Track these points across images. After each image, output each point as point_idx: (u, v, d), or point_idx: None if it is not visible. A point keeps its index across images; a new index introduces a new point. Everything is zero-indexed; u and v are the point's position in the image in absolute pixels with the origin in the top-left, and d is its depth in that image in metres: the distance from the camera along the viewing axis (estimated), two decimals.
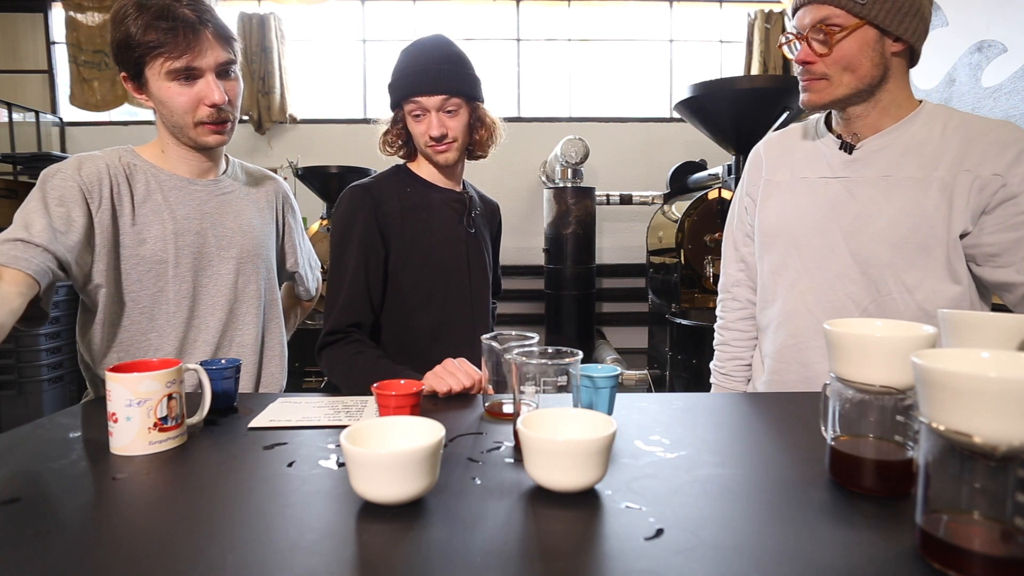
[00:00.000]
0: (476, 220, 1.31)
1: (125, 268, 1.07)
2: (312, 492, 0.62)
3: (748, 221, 1.20)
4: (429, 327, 1.21)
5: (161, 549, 0.50)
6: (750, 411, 0.90)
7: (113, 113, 4.93)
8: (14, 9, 4.89)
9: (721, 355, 1.28)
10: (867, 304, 1.02)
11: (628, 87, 5.19)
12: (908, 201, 0.98)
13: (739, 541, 0.51)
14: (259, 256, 1.20)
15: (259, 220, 1.22)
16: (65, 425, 0.86)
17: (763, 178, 1.16)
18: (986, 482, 0.44)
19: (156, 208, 1.10)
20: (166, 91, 1.03)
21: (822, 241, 1.04)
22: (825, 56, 0.96)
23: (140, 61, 1.02)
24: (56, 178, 1.02)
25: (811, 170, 1.08)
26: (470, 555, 0.49)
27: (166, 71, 1.01)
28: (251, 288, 1.19)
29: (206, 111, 1.05)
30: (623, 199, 4.50)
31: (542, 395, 0.73)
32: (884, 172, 1.00)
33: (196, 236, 1.12)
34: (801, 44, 0.98)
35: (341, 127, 4.96)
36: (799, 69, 1.00)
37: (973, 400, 0.41)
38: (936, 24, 3.85)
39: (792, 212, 1.08)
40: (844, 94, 0.98)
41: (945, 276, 0.98)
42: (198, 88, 1.04)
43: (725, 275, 1.27)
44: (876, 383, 0.57)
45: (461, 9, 5.07)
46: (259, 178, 1.29)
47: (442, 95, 1.15)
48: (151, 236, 1.08)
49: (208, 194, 1.16)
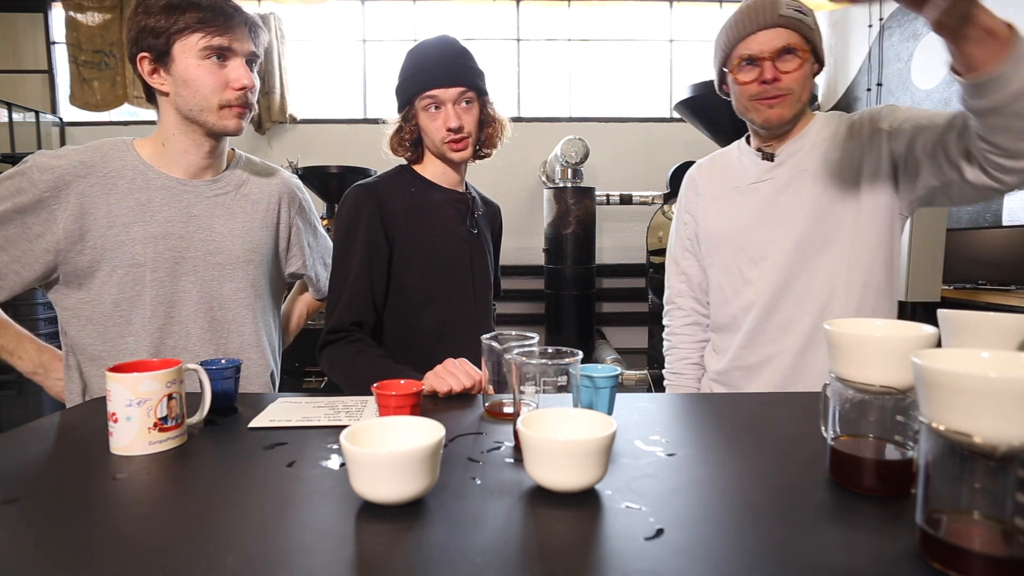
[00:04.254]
0: (479, 221, 1.31)
1: (101, 272, 1.05)
2: (312, 492, 0.62)
3: (687, 236, 1.35)
4: (432, 327, 1.21)
5: (161, 549, 0.50)
6: (750, 411, 0.90)
7: (113, 113, 4.93)
8: (14, 9, 4.89)
9: (671, 358, 1.40)
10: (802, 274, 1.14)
11: (628, 87, 5.19)
12: (825, 185, 1.13)
13: (739, 541, 0.51)
14: (250, 262, 1.16)
15: (254, 224, 1.18)
16: (65, 425, 0.86)
17: (699, 195, 1.31)
18: (986, 482, 0.44)
19: (136, 209, 1.06)
20: (195, 69, 1.02)
21: (760, 235, 1.18)
22: (790, 74, 1.09)
23: (172, 37, 1.01)
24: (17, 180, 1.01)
25: (741, 180, 1.24)
26: (470, 555, 0.49)
27: (202, 47, 1.01)
28: (239, 295, 1.15)
29: (234, 93, 1.05)
30: (623, 199, 4.50)
31: (542, 395, 0.73)
32: (801, 168, 1.16)
33: (179, 240, 1.08)
34: (765, 65, 1.09)
35: (341, 127, 4.96)
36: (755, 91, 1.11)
37: (973, 400, 0.41)
38: None
39: (731, 217, 1.23)
40: (800, 110, 1.13)
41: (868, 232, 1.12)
42: (229, 69, 1.04)
43: (669, 288, 1.41)
44: (876, 383, 0.57)
45: (461, 9, 5.07)
46: (265, 176, 1.24)
47: (459, 88, 1.15)
48: (128, 239, 1.05)
49: (199, 196, 1.12)
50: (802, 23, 1.09)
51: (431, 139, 1.20)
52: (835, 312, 1.13)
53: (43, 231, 1.02)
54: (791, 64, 1.08)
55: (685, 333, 1.37)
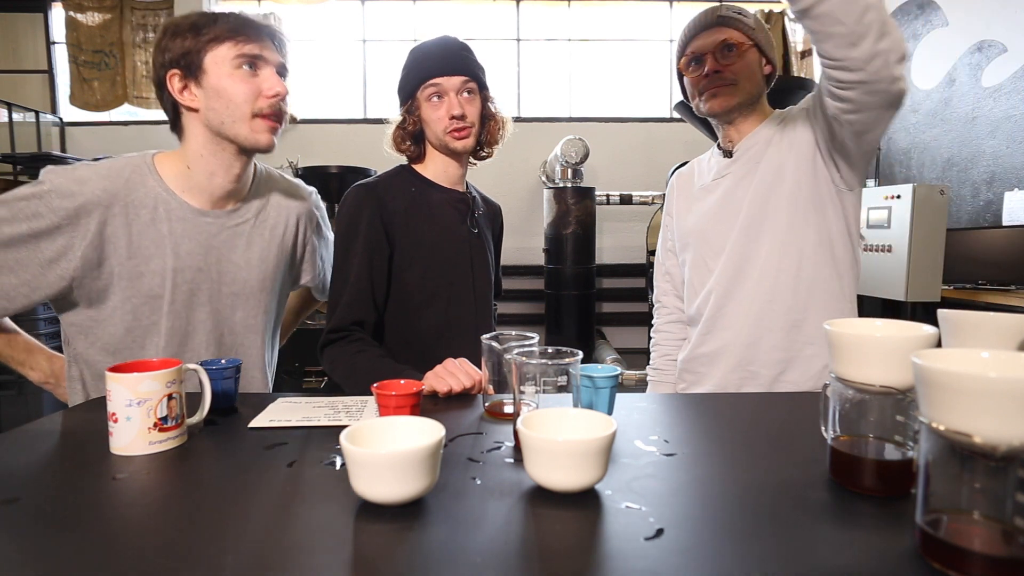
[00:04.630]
0: (479, 220, 1.31)
1: (115, 296, 1.03)
2: (312, 492, 0.62)
3: (669, 237, 1.42)
4: (433, 326, 1.22)
5: (161, 549, 0.50)
6: (750, 411, 0.90)
7: (113, 113, 4.93)
8: (14, 9, 4.89)
9: (654, 355, 1.46)
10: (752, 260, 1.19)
11: (628, 87, 5.19)
12: (766, 173, 1.19)
13: (739, 541, 0.51)
14: (264, 289, 1.16)
15: (271, 252, 1.17)
16: (65, 425, 0.86)
17: (676, 197, 1.40)
18: (986, 482, 0.44)
19: (157, 241, 1.04)
20: (228, 78, 1.01)
21: (719, 227, 1.24)
22: (730, 66, 1.17)
23: (203, 49, 1.00)
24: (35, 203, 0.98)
25: (707, 178, 1.32)
26: (470, 555, 0.49)
27: (234, 55, 1.01)
28: (249, 322, 1.15)
29: (267, 101, 1.03)
30: (623, 199, 4.50)
31: (542, 395, 0.73)
32: (755, 161, 1.21)
33: (197, 272, 1.08)
34: (708, 59, 1.18)
35: (341, 127, 4.96)
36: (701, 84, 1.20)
37: (973, 400, 0.41)
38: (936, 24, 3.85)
39: (697, 214, 1.31)
40: (743, 99, 1.19)
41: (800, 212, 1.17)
42: (261, 78, 1.04)
43: (656, 288, 1.47)
44: (876, 383, 0.57)
45: (461, 9, 5.07)
46: (285, 196, 1.21)
47: (462, 76, 1.17)
48: (148, 271, 1.04)
49: (219, 227, 1.10)
50: (741, 22, 1.18)
51: (433, 131, 1.21)
52: (779, 298, 1.16)
53: (57, 257, 0.99)
54: (731, 58, 1.17)
55: (668, 331, 1.43)
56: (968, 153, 3.56)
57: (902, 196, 2.92)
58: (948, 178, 3.69)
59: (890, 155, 4.23)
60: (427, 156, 1.27)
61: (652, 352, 1.47)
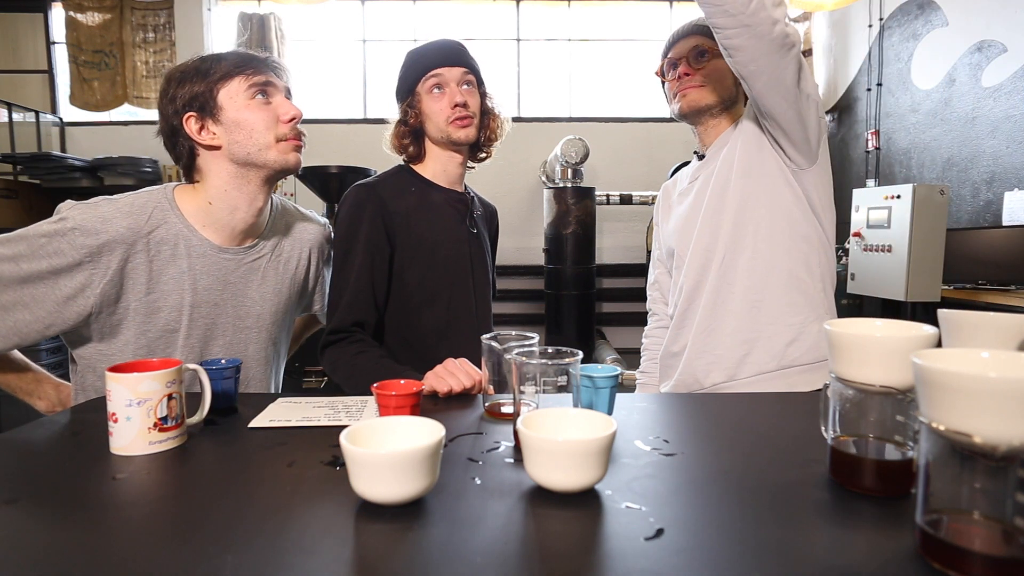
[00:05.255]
0: (477, 220, 1.31)
1: (128, 330, 1.03)
2: (312, 492, 0.62)
3: (658, 247, 1.46)
4: (434, 326, 1.22)
5: (161, 549, 0.50)
6: (750, 411, 0.90)
7: (113, 113, 4.93)
8: (14, 9, 4.89)
9: (643, 359, 1.49)
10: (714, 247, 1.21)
11: (628, 87, 5.19)
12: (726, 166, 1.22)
13: (739, 541, 0.51)
14: (275, 323, 1.18)
15: (284, 286, 1.18)
16: (65, 425, 0.86)
17: (662, 206, 1.44)
18: (986, 482, 0.44)
19: (177, 277, 1.05)
20: (245, 109, 1.03)
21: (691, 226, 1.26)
22: (702, 69, 1.23)
23: (215, 87, 1.03)
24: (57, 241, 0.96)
25: (685, 183, 1.36)
26: (470, 555, 0.49)
27: (246, 87, 1.03)
28: (259, 355, 1.16)
29: (286, 126, 1.06)
30: (623, 199, 4.50)
31: (542, 395, 0.73)
32: (725, 162, 1.23)
33: (213, 308, 1.08)
34: (681, 63, 1.24)
35: (341, 127, 4.96)
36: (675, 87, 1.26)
37: (973, 400, 0.41)
38: (936, 24, 3.84)
39: (675, 219, 1.35)
40: (713, 101, 1.23)
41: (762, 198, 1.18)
42: (275, 104, 1.06)
43: (648, 296, 1.52)
44: (876, 383, 0.57)
45: (461, 9, 5.07)
46: (298, 228, 1.22)
47: (462, 67, 1.20)
48: (166, 306, 1.04)
49: (237, 263, 1.11)
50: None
51: (435, 123, 1.21)
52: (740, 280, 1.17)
53: (75, 294, 0.98)
54: (701, 62, 1.23)
55: (656, 336, 1.46)
56: (968, 153, 3.56)
57: (902, 196, 2.92)
58: (948, 178, 3.69)
59: (890, 155, 4.23)
60: (427, 156, 1.27)
61: (642, 356, 1.50)
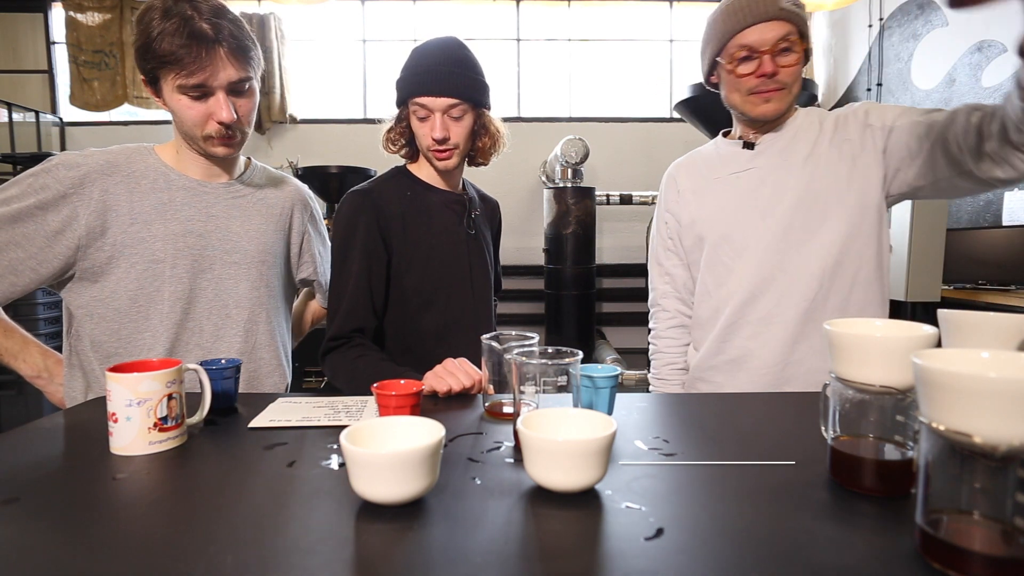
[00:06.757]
0: (476, 221, 1.31)
1: (119, 268, 1.06)
2: (312, 492, 0.62)
3: (669, 236, 1.32)
4: (433, 328, 1.22)
5: (161, 549, 0.50)
6: (750, 411, 0.90)
7: (113, 113, 4.93)
8: (14, 9, 4.89)
9: (656, 362, 1.37)
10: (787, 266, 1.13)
11: (628, 87, 5.19)
12: (812, 177, 1.12)
13: (739, 541, 0.51)
14: (264, 262, 1.19)
15: (269, 227, 1.21)
16: (65, 425, 0.86)
17: (680, 193, 1.29)
18: (986, 482, 0.44)
19: (159, 207, 1.09)
20: (177, 103, 1.04)
21: (743, 224, 1.17)
22: (788, 68, 1.08)
23: (155, 71, 1.03)
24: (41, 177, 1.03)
25: (722, 171, 1.22)
26: (470, 555, 0.49)
27: (177, 85, 1.02)
28: (253, 294, 1.17)
29: (215, 127, 1.06)
30: (623, 199, 4.50)
31: (542, 395, 0.73)
32: (785, 158, 1.15)
33: (198, 238, 1.11)
34: (765, 58, 1.07)
35: (341, 127, 4.96)
36: (752, 84, 1.11)
37: (973, 400, 0.41)
38: (936, 24, 3.84)
39: (713, 207, 1.22)
40: (792, 102, 1.14)
41: (856, 225, 1.11)
42: (208, 105, 1.04)
43: (653, 291, 1.38)
44: (876, 383, 0.57)
45: (461, 9, 5.07)
46: (279, 184, 1.27)
47: (448, 99, 1.13)
48: (150, 236, 1.07)
49: (217, 197, 1.15)
50: (799, 16, 1.08)
51: (420, 144, 1.21)
52: (823, 307, 1.11)
53: (63, 227, 1.03)
54: (789, 58, 1.08)
55: (670, 336, 1.34)
56: None
57: None
58: None
59: None
60: (421, 158, 1.27)
61: (653, 359, 1.38)
